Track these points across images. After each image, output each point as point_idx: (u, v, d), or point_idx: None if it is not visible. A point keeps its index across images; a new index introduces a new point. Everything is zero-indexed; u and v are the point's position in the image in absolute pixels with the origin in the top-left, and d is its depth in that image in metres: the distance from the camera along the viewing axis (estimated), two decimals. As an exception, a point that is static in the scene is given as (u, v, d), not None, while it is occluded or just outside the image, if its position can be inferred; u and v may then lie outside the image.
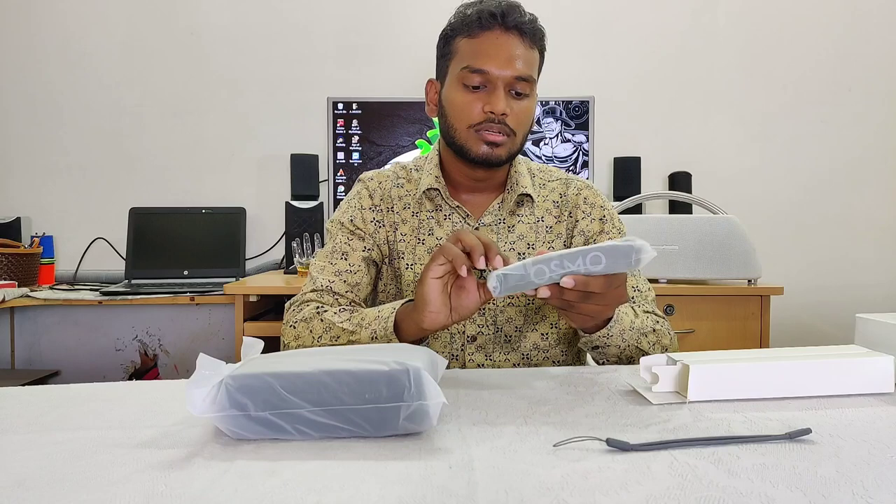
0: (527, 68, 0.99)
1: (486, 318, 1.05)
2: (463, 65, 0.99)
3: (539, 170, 1.15)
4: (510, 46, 0.98)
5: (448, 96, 1.03)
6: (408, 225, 1.08)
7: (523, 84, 0.99)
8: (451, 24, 1.03)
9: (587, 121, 2.28)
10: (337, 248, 1.07)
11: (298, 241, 2.15)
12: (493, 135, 0.99)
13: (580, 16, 2.47)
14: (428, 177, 1.08)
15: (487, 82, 0.98)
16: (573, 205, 1.11)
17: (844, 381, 0.72)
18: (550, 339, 1.07)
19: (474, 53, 0.98)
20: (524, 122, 1.02)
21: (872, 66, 2.49)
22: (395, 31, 2.48)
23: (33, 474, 0.53)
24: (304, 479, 0.51)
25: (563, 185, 1.12)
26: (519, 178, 1.09)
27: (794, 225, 2.50)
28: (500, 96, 0.97)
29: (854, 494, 0.47)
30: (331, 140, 2.27)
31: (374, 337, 0.90)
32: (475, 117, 0.99)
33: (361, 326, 0.91)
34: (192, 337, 2.47)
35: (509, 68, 0.97)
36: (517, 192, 1.07)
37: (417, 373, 0.59)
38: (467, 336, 1.05)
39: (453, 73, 1.01)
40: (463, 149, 1.01)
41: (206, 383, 0.59)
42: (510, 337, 1.06)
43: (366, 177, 1.14)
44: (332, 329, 0.94)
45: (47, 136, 2.47)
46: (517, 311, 1.06)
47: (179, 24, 2.47)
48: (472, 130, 1.00)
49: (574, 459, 0.54)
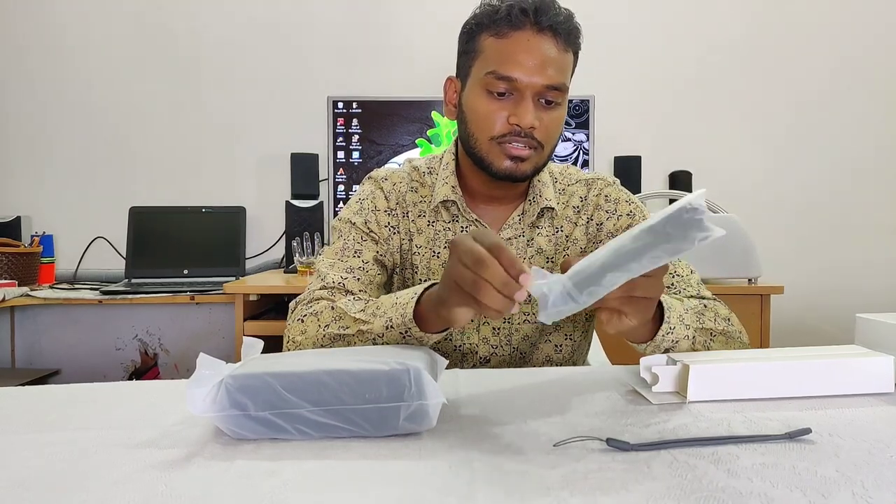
0: (560, 75, 0.88)
1: (501, 338, 0.99)
2: (488, 69, 0.88)
3: (560, 173, 1.06)
4: (542, 50, 0.87)
5: (469, 102, 0.93)
6: (423, 236, 1.01)
7: (555, 93, 0.89)
8: (476, 18, 0.92)
9: (587, 120, 2.28)
10: (348, 245, 0.98)
11: (298, 241, 2.15)
12: (518, 149, 0.89)
13: (580, 16, 2.46)
14: (444, 186, 1.00)
15: (514, 90, 0.88)
16: (594, 206, 1.03)
17: (844, 381, 0.72)
18: (564, 351, 1.02)
19: (502, 56, 0.88)
20: (553, 134, 0.92)
21: (872, 66, 2.49)
22: (395, 30, 2.47)
23: (33, 474, 0.53)
24: (304, 479, 0.51)
25: (585, 188, 1.04)
26: (542, 188, 1.00)
27: (795, 224, 2.50)
28: (528, 108, 0.87)
29: (854, 494, 0.47)
30: (331, 139, 2.27)
31: (388, 326, 0.78)
32: (499, 129, 0.89)
33: (375, 315, 0.80)
34: (193, 336, 2.47)
35: (540, 76, 0.87)
36: (540, 205, 0.99)
37: (417, 372, 0.59)
38: (480, 357, 1.00)
39: (476, 75, 0.91)
40: (484, 161, 0.92)
41: (207, 383, 0.59)
42: (524, 353, 1.01)
43: (378, 176, 1.05)
44: (343, 318, 0.83)
45: (47, 136, 2.47)
46: (533, 328, 1.00)
47: (180, 24, 2.47)
48: (494, 143, 0.90)
49: (574, 459, 0.54)
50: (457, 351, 0.99)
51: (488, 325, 1.00)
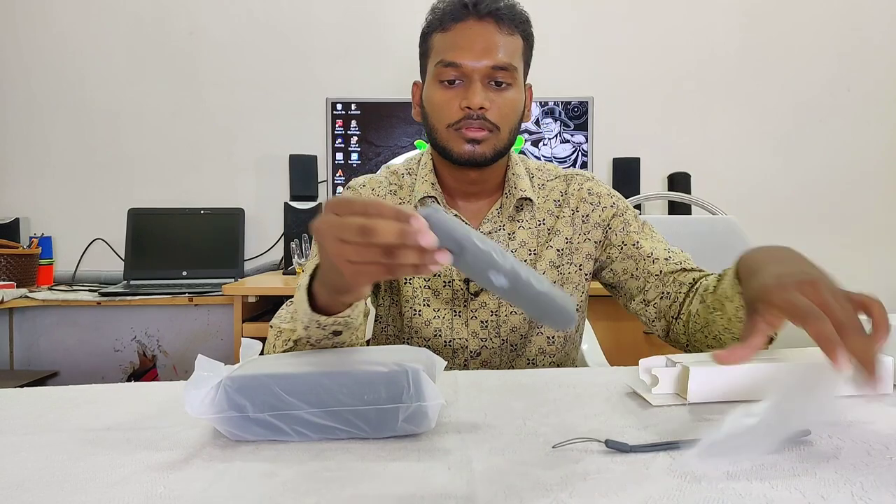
0: (506, 56, 0.92)
1: (490, 331, 1.00)
2: (437, 60, 0.94)
3: (538, 168, 1.09)
4: (485, 35, 0.92)
5: (427, 96, 0.98)
6: None
7: (503, 73, 0.93)
8: (427, 21, 0.98)
9: (586, 121, 2.28)
10: None
11: (297, 242, 2.15)
12: (473, 131, 0.92)
13: (580, 16, 2.47)
14: (423, 184, 1.02)
15: (463, 76, 0.93)
16: (578, 199, 1.05)
17: (844, 382, 0.72)
18: (557, 342, 1.03)
19: (447, 46, 0.93)
20: (508, 114, 0.95)
21: (872, 66, 2.50)
22: (393, 31, 2.48)
23: (32, 476, 0.53)
24: (303, 481, 0.51)
25: (564, 183, 1.07)
26: (517, 180, 1.03)
27: (794, 225, 2.51)
28: (475, 90, 0.91)
29: (853, 496, 0.47)
30: (329, 141, 2.27)
31: (305, 326, 0.72)
32: (453, 115, 0.93)
33: (296, 320, 0.75)
34: (191, 337, 2.47)
35: (486, 58, 0.91)
36: (516, 196, 1.01)
37: (416, 374, 0.59)
38: (470, 351, 1.01)
39: (430, 70, 0.96)
40: (445, 150, 0.96)
41: (205, 384, 0.59)
42: (515, 345, 1.02)
43: (356, 184, 1.07)
44: (283, 333, 0.80)
45: (46, 137, 2.47)
46: (521, 319, 1.01)
47: (178, 25, 2.47)
48: (451, 129, 0.94)
49: (573, 461, 0.54)
50: (447, 347, 1.00)
51: (476, 319, 1.01)
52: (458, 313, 1.00)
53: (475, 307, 1.00)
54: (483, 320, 1.01)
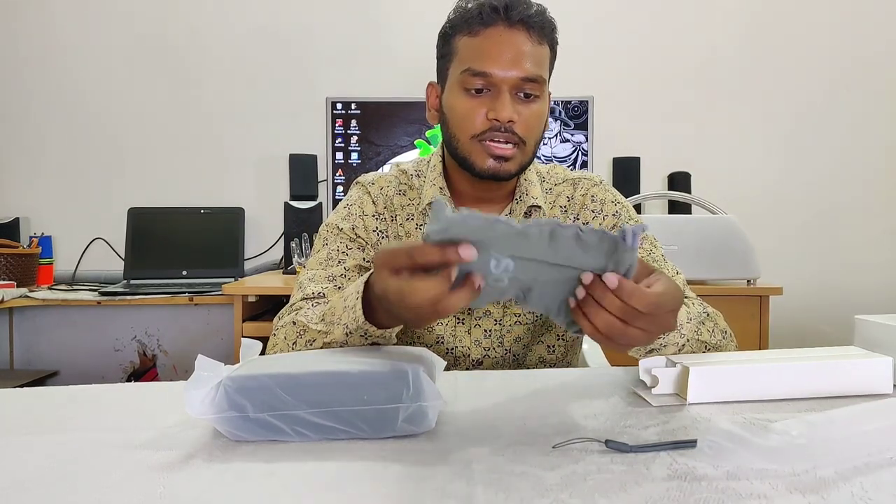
0: (535, 67, 0.89)
1: (493, 339, 0.99)
2: (463, 67, 0.89)
3: (548, 172, 1.06)
4: (515, 44, 0.88)
5: (449, 102, 0.93)
6: (412, 239, 0.99)
7: (532, 85, 0.89)
8: (451, 21, 0.93)
9: (586, 121, 2.28)
10: (332, 255, 0.97)
11: (297, 242, 2.15)
12: (500, 147, 0.89)
13: (580, 16, 2.47)
14: (432, 188, 0.99)
15: (491, 85, 0.89)
16: (580, 206, 1.02)
17: (843, 383, 0.72)
18: (557, 351, 1.02)
19: (476, 53, 0.89)
20: (534, 127, 0.92)
21: (872, 65, 2.50)
22: (393, 31, 2.47)
23: (31, 476, 0.53)
24: (303, 481, 0.51)
25: (571, 187, 1.04)
26: (529, 186, 1.00)
27: (794, 225, 2.50)
28: (505, 101, 0.88)
29: (853, 496, 0.47)
30: (329, 140, 2.27)
31: (347, 332, 0.75)
32: (479, 126, 0.89)
33: (333, 323, 0.78)
34: (191, 337, 2.47)
35: (515, 69, 0.87)
36: (527, 204, 0.99)
37: (416, 374, 0.59)
38: (472, 360, 1.00)
39: (454, 75, 0.92)
40: (467, 161, 0.92)
41: (205, 384, 0.59)
42: (517, 355, 1.01)
43: (365, 181, 1.05)
44: (307, 332, 0.82)
45: (46, 137, 2.47)
46: (525, 329, 0.99)
47: (179, 24, 2.47)
48: (475, 141, 0.90)
49: (573, 461, 0.54)
50: (449, 354, 0.99)
51: (479, 328, 1.00)
52: (462, 321, 1.00)
53: (479, 316, 1.00)
54: (486, 329, 1.00)
